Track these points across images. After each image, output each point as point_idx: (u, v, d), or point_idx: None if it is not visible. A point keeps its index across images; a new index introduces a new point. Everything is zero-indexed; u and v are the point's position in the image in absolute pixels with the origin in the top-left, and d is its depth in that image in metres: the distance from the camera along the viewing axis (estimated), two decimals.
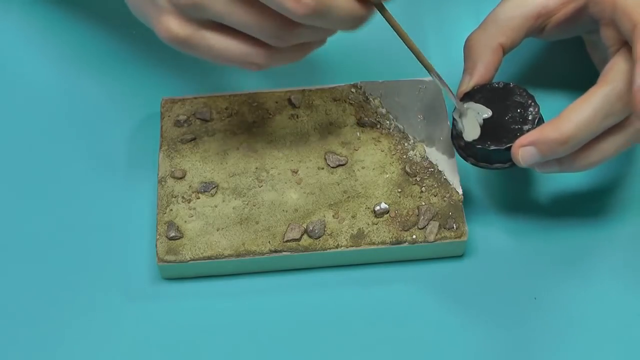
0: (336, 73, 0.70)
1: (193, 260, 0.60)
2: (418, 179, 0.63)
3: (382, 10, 0.55)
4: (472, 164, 0.61)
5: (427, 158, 0.64)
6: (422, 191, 0.63)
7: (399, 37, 0.58)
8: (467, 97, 0.61)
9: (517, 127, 0.60)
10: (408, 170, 0.63)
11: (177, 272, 0.61)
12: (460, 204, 0.62)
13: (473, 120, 0.60)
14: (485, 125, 0.60)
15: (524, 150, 0.58)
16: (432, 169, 0.63)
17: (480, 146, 0.59)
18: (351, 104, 0.66)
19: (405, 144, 0.64)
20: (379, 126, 0.65)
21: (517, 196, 0.65)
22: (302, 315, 0.61)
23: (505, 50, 0.62)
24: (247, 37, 0.54)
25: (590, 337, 0.60)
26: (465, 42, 0.63)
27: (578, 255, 0.63)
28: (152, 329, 0.60)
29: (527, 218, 0.64)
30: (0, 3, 0.74)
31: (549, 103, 0.62)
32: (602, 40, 0.60)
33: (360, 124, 0.65)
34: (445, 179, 0.63)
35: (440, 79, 0.61)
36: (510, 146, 0.58)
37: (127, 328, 0.60)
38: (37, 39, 0.72)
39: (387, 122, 0.65)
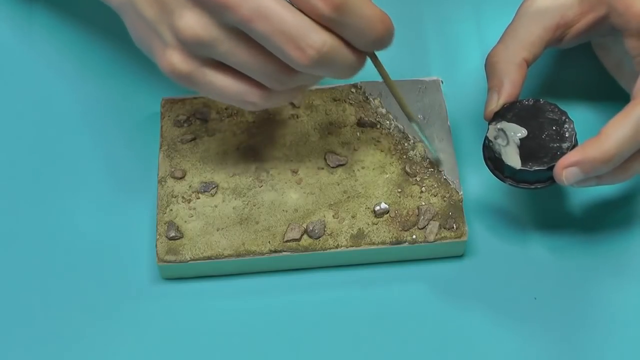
0: None
1: (193, 260, 0.60)
2: (418, 179, 0.63)
3: (374, 58, 0.57)
4: (511, 184, 0.60)
5: (427, 158, 0.64)
6: (422, 191, 0.63)
7: (386, 85, 0.59)
8: (498, 116, 0.60)
9: (555, 145, 0.59)
10: (408, 170, 0.63)
11: (177, 272, 0.61)
12: (460, 204, 0.62)
13: (511, 142, 0.59)
14: (522, 145, 0.59)
15: (567, 171, 0.57)
16: (432, 169, 0.63)
17: (521, 168, 0.59)
18: (351, 104, 0.66)
19: (405, 144, 0.65)
20: (379, 126, 0.65)
21: (516, 196, 0.65)
22: (302, 315, 0.61)
23: (528, 64, 0.61)
24: (246, 78, 0.55)
25: (591, 337, 0.60)
26: (487, 59, 0.62)
27: (578, 255, 0.63)
28: (152, 329, 0.60)
29: (527, 218, 0.64)
30: (1, 3, 0.74)
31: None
32: (626, 50, 0.60)
33: (360, 124, 0.65)
34: (445, 179, 0.63)
35: (421, 129, 0.62)
36: (552, 166, 0.58)
37: (127, 328, 0.60)
38: (37, 39, 0.72)
39: (387, 122, 0.65)
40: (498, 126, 0.60)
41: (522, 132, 0.60)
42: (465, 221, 0.61)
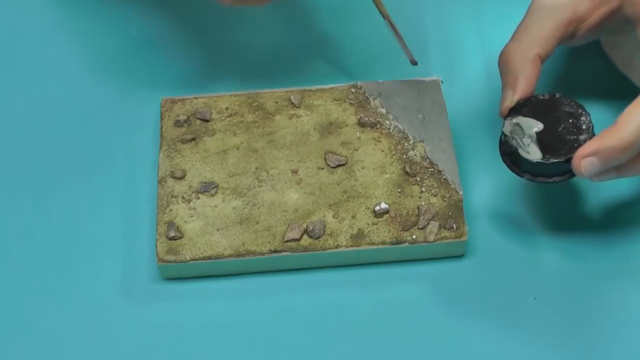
0: (336, 73, 0.70)
1: (193, 260, 0.60)
2: (418, 179, 0.63)
3: None
4: (528, 179, 0.60)
5: (427, 158, 0.64)
6: (422, 191, 0.63)
7: None
8: (514, 111, 0.60)
9: (572, 137, 0.58)
10: (408, 170, 0.63)
11: (177, 272, 0.61)
12: (460, 204, 0.62)
13: (527, 136, 0.59)
14: (539, 138, 0.59)
15: (586, 161, 0.57)
16: (432, 169, 0.63)
17: (538, 161, 0.58)
18: (351, 104, 0.66)
19: (405, 144, 0.65)
20: (379, 126, 0.65)
21: (516, 196, 0.65)
22: (302, 315, 0.61)
23: (542, 60, 0.61)
24: None
25: (591, 337, 0.60)
26: (501, 55, 0.62)
27: (578, 254, 0.63)
28: (152, 329, 0.60)
29: (527, 218, 0.64)
30: (1, 2, 0.74)
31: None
32: (639, 41, 0.60)
33: (360, 124, 0.65)
34: (445, 179, 0.63)
35: (395, 29, 0.62)
36: (570, 158, 0.57)
37: (127, 328, 0.60)
38: (36, 39, 0.72)
39: (387, 122, 0.65)
40: (514, 121, 0.60)
41: (538, 126, 0.59)
42: (465, 221, 0.61)
